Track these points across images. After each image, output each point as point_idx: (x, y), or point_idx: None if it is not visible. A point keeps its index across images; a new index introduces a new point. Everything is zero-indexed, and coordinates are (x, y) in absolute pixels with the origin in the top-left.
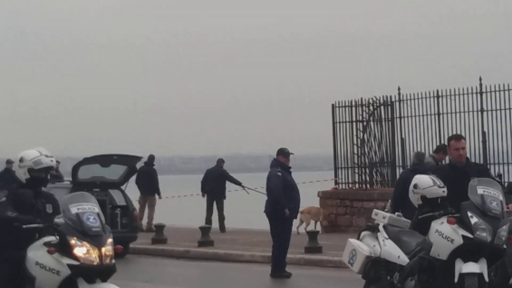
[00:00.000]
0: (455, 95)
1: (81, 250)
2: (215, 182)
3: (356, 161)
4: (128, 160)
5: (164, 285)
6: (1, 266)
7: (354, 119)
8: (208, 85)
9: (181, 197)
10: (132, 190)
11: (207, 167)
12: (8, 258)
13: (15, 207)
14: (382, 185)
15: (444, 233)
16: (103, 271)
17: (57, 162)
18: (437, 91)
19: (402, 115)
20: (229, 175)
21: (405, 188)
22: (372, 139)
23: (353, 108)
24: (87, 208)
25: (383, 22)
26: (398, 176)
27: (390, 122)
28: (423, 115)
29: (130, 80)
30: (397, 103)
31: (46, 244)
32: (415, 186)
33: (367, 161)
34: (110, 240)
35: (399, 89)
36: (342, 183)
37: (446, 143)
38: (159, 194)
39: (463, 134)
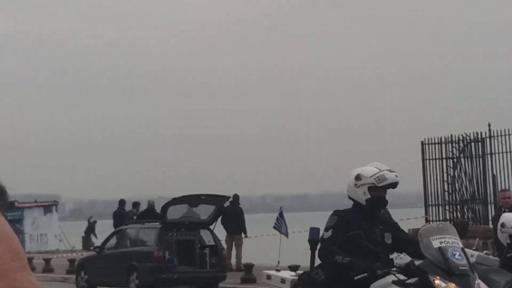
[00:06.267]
0: None
1: None
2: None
3: (446, 198)
4: (216, 200)
5: None
6: None
7: (444, 156)
8: (286, 121)
9: (270, 236)
10: (217, 230)
11: (299, 205)
12: None
13: (338, 239)
14: (474, 222)
15: None
16: None
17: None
18: None
19: (493, 151)
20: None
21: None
22: (463, 176)
23: (443, 145)
24: (451, 242)
25: (473, 56)
26: (490, 213)
27: (481, 159)
28: None
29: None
30: (488, 139)
31: (395, 283)
32: (503, 225)
33: (458, 198)
34: (478, 282)
35: (489, 125)
36: (432, 221)
37: None
38: (245, 232)
39: None
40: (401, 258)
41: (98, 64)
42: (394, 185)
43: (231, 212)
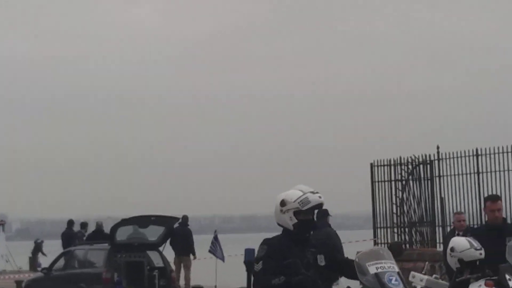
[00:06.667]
0: (494, 153)
1: None
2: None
3: (395, 221)
4: (165, 221)
5: None
6: None
7: (393, 178)
8: (237, 142)
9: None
10: (166, 251)
11: (247, 226)
12: None
13: (270, 269)
14: (422, 245)
15: None
16: None
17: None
18: (476, 150)
19: (441, 174)
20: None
21: None
22: (412, 198)
23: (392, 167)
24: (387, 267)
25: (420, 79)
26: (438, 236)
27: (429, 181)
28: (462, 174)
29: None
30: (436, 161)
31: None
32: (452, 249)
33: (406, 220)
34: None
35: (438, 147)
36: (381, 243)
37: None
38: (194, 254)
39: (503, 193)
40: (337, 285)
41: (49, 82)
42: (318, 206)
43: (180, 233)
